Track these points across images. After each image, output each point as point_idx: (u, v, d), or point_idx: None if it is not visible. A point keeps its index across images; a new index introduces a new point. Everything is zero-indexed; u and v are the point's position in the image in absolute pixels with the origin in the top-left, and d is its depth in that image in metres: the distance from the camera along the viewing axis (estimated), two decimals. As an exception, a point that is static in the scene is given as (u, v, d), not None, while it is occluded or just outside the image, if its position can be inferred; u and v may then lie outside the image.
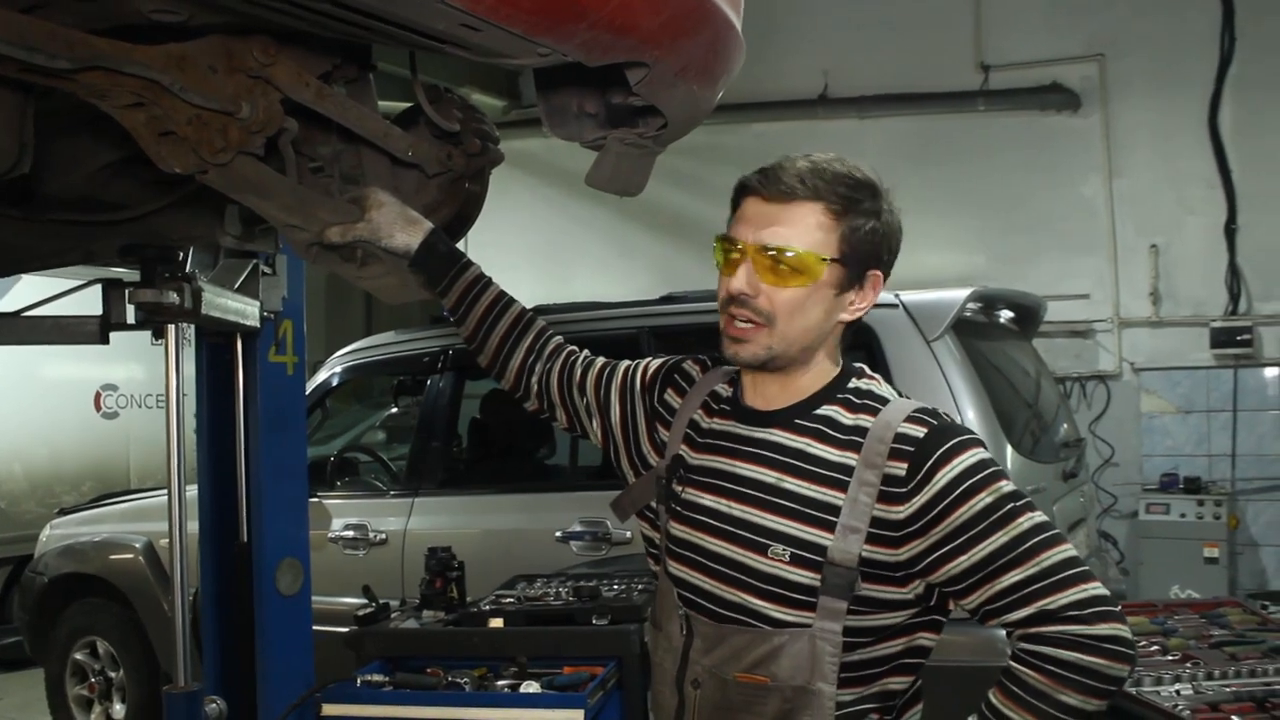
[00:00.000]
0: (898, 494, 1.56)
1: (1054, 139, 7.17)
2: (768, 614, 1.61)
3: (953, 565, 1.54)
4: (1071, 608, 1.47)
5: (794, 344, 1.66)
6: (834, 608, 1.57)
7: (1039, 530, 1.52)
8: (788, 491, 1.63)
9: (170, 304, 2.66)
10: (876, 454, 1.58)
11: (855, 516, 1.57)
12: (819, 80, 7.72)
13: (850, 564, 1.56)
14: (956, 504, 1.53)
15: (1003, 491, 1.54)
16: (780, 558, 1.60)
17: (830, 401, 1.68)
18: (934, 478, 1.54)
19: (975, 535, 1.52)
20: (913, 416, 1.60)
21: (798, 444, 1.66)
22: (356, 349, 5.47)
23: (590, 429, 2.00)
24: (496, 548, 4.43)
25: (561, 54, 1.53)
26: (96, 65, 1.57)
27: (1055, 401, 4.96)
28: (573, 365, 2.02)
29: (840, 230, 1.63)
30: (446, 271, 2.01)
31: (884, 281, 1.70)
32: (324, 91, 1.87)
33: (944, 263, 7.02)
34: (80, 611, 5.66)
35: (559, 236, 8.70)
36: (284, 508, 3.73)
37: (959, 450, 1.56)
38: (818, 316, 1.65)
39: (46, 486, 8.14)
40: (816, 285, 1.63)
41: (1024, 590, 1.50)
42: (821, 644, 1.57)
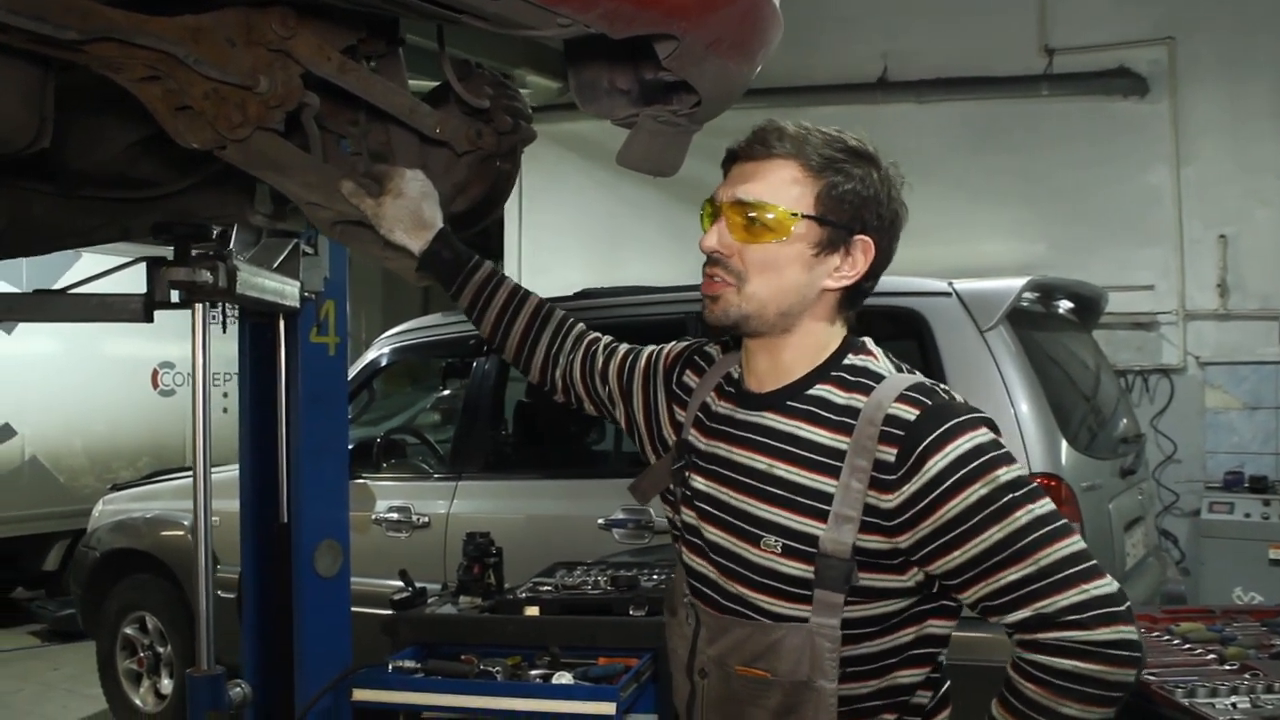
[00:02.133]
0: (887, 481, 1.47)
1: (1120, 125, 6.95)
2: (764, 607, 1.55)
3: (946, 560, 1.45)
4: (1070, 610, 1.38)
5: (767, 305, 1.57)
6: (830, 601, 1.50)
7: (1039, 524, 1.42)
8: (779, 479, 1.56)
9: (204, 282, 2.63)
10: (867, 437, 1.49)
11: (848, 504, 1.49)
12: (878, 64, 7.56)
13: (844, 555, 1.48)
14: (949, 495, 1.43)
15: (1000, 481, 1.42)
16: (772, 549, 1.54)
17: (824, 380, 1.59)
18: (924, 465, 1.44)
19: (969, 529, 1.43)
20: (905, 396, 1.50)
21: (789, 427, 1.58)
22: (404, 330, 5.45)
23: (615, 416, 1.95)
24: (539, 533, 4.40)
25: (584, 25, 1.46)
26: (108, 36, 1.53)
27: (1115, 395, 4.82)
28: (594, 354, 1.98)
29: (817, 187, 1.56)
30: (455, 276, 1.99)
31: (877, 250, 1.59)
32: (346, 66, 1.82)
33: (1004, 251, 6.86)
34: (131, 587, 5.74)
35: (611, 219, 8.63)
36: (323, 489, 3.71)
37: (954, 434, 1.45)
38: (793, 277, 1.57)
39: (104, 462, 8.28)
40: (789, 242, 1.55)
41: (1021, 590, 1.41)
42: (820, 640, 1.50)
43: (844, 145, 1.59)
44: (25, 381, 7.84)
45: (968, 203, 7.17)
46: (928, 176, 7.20)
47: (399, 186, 1.96)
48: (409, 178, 1.97)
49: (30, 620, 8.09)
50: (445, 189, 2.14)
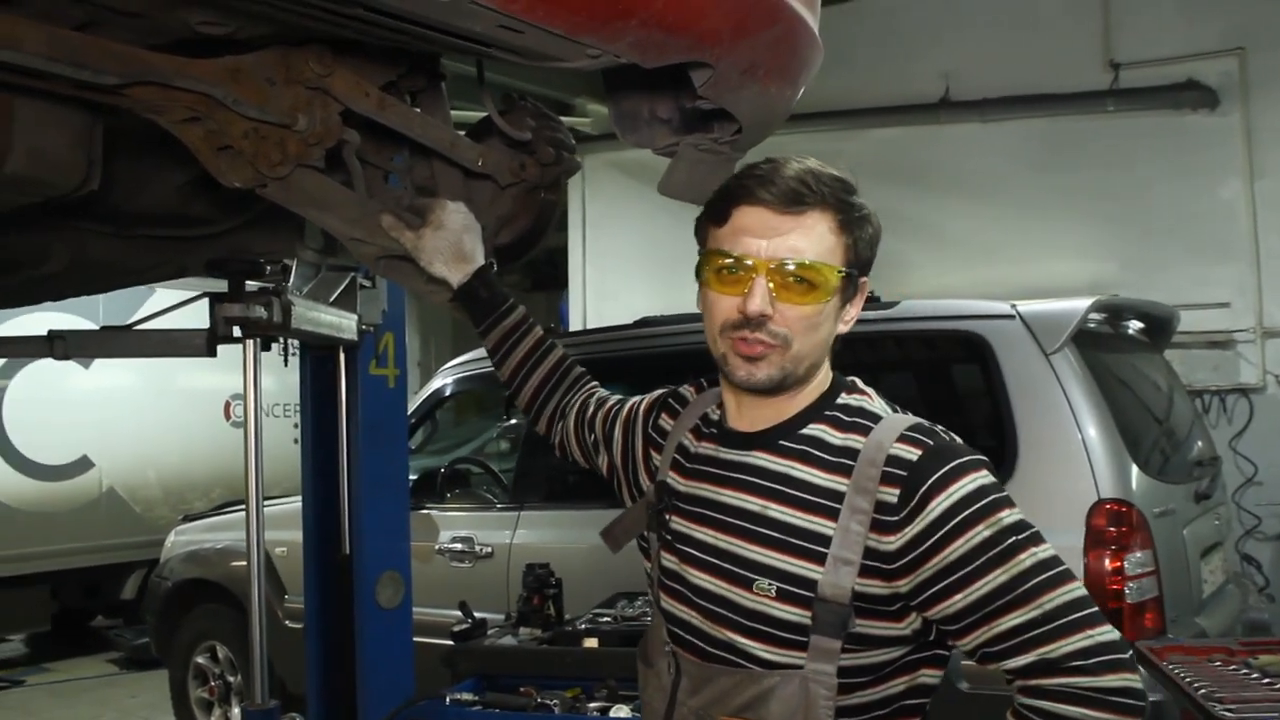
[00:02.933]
0: (889, 522, 1.42)
1: (1190, 139, 6.79)
2: (755, 654, 1.48)
3: (947, 604, 1.40)
4: (1075, 656, 1.33)
5: (803, 362, 1.52)
6: (827, 647, 1.44)
7: (1042, 568, 1.37)
8: (773, 520, 1.49)
9: (258, 318, 2.67)
10: (868, 478, 1.44)
11: (847, 547, 1.43)
12: (940, 83, 7.48)
13: (843, 600, 1.42)
14: (951, 536, 1.39)
15: (1003, 524, 1.39)
16: (766, 593, 1.47)
17: (818, 420, 1.54)
18: (928, 505, 1.40)
19: (971, 572, 1.38)
20: (906, 436, 1.46)
21: (782, 467, 1.52)
22: (466, 360, 5.48)
23: (598, 463, 1.94)
24: (601, 563, 4.36)
25: (614, 55, 1.45)
26: (147, 80, 1.55)
27: (1189, 417, 4.69)
28: (587, 404, 1.98)
29: (845, 240, 1.52)
30: (486, 315, 2.00)
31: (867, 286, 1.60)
32: (386, 102, 1.83)
33: (1072, 271, 6.73)
34: (202, 616, 5.83)
35: (675, 245, 8.55)
36: (384, 521, 3.74)
37: (957, 475, 1.41)
38: (827, 332, 1.54)
39: (178, 492, 8.43)
40: (830, 298, 1.51)
41: (1023, 635, 1.36)
42: (815, 687, 1.44)
43: (847, 184, 1.54)
44: (102, 415, 8.02)
45: (1035, 222, 7.06)
46: (993, 196, 7.20)
47: (440, 218, 1.96)
48: (451, 209, 1.97)
49: (109, 648, 8.25)
50: (490, 221, 2.15)
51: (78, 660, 8.13)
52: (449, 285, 1.99)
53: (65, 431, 7.86)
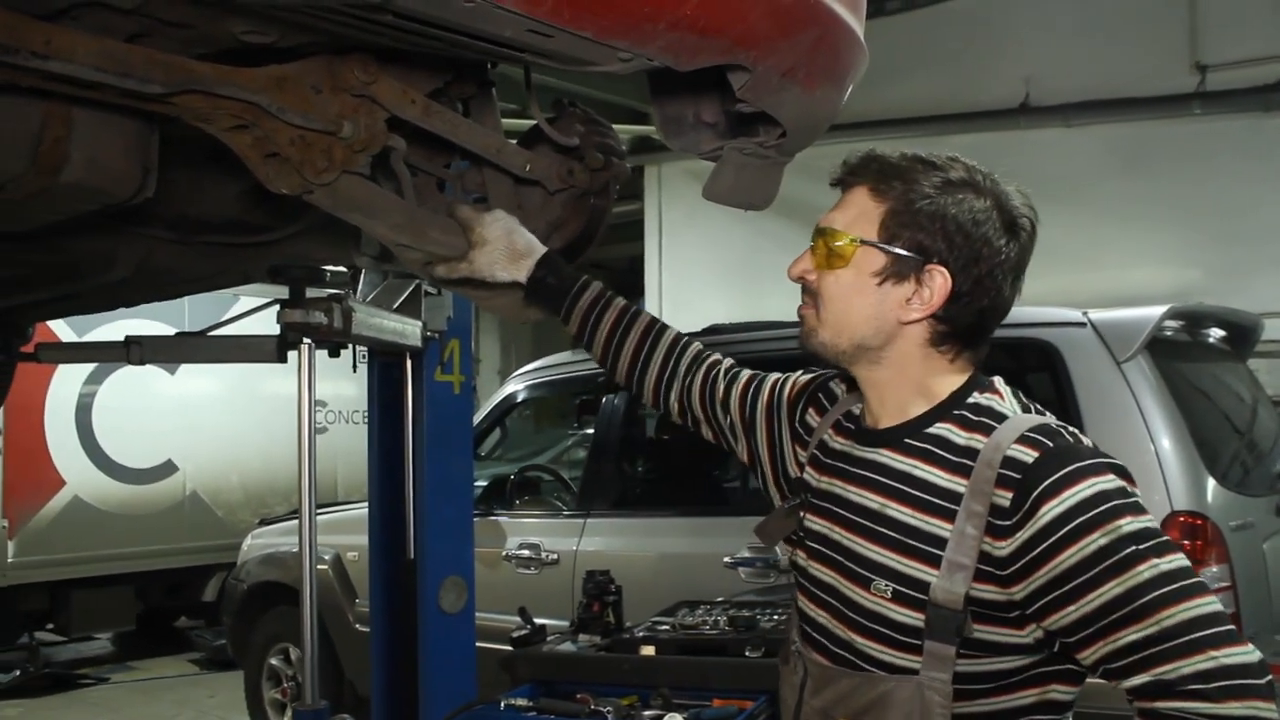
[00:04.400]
0: (1002, 527, 1.36)
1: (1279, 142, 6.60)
2: (872, 654, 1.46)
3: (1061, 615, 1.34)
4: (1194, 679, 1.25)
5: (841, 335, 1.52)
6: (941, 654, 1.39)
7: (1165, 580, 1.29)
8: (891, 520, 1.47)
9: (318, 324, 2.70)
10: (984, 480, 1.38)
11: (962, 551, 1.38)
12: (1020, 88, 7.36)
13: (956, 605, 1.38)
14: (1063, 544, 1.32)
15: (1122, 532, 1.31)
16: (882, 594, 1.44)
17: (945, 419, 1.49)
18: (1039, 511, 1.34)
19: (1085, 583, 1.31)
20: (1026, 437, 1.39)
21: (905, 466, 1.49)
22: (535, 368, 5.52)
23: (736, 449, 1.87)
24: (666, 571, 4.37)
25: (646, 59, 1.44)
26: (193, 89, 1.58)
27: (1274, 429, 4.54)
28: (714, 379, 1.89)
29: (881, 212, 1.49)
30: (561, 301, 1.95)
31: (953, 283, 1.47)
32: (431, 109, 1.84)
33: (1156, 278, 6.58)
34: (276, 618, 5.92)
35: (751, 254, 8.58)
36: (448, 526, 3.77)
37: (1074, 479, 1.34)
38: (860, 307, 1.51)
39: (260, 497, 8.59)
40: (852, 269, 1.50)
41: (1140, 653, 1.29)
42: (930, 694, 1.39)
43: (911, 162, 1.51)
44: (186, 420, 8.22)
45: (1117, 229, 6.91)
46: (1075, 203, 7.05)
47: (481, 235, 1.93)
48: (488, 221, 1.94)
49: (191, 648, 8.45)
50: (540, 227, 2.15)
51: (161, 660, 8.33)
52: (507, 290, 1.97)
53: (150, 437, 8.07)
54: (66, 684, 7.70)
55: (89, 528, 7.69)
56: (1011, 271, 1.50)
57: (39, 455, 7.56)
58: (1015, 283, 1.52)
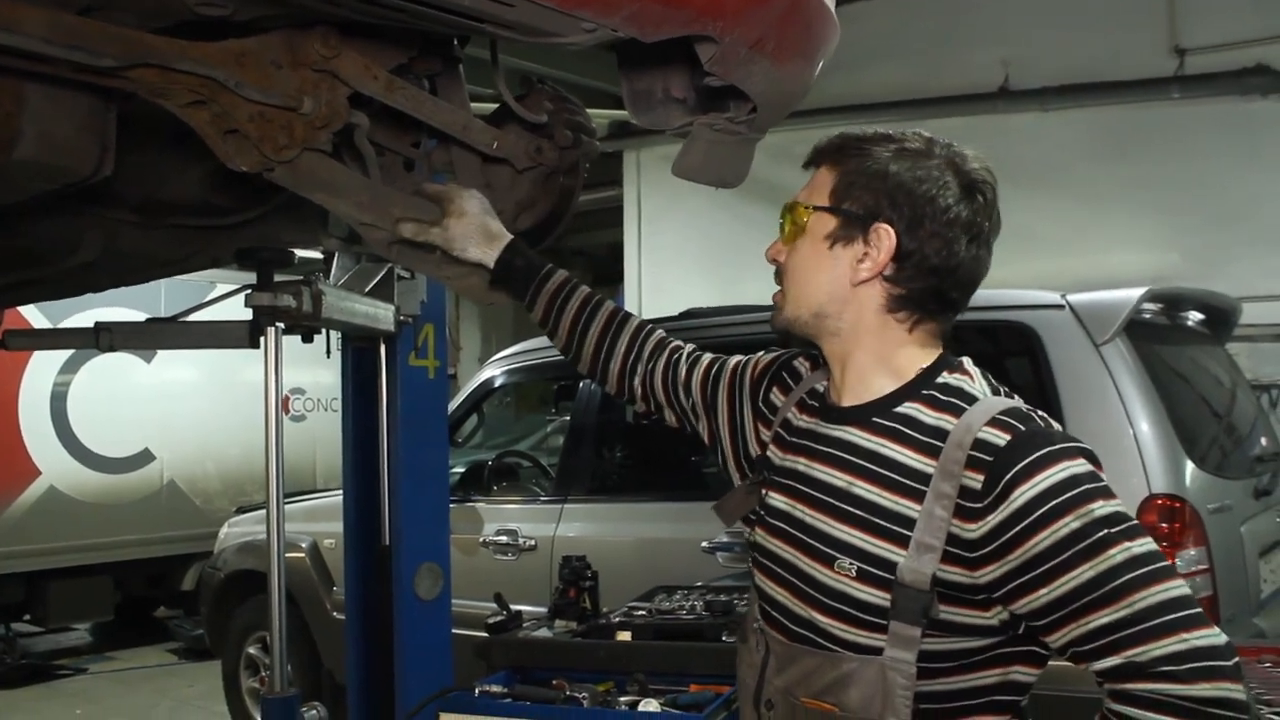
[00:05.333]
0: (972, 509, 1.35)
1: (1258, 126, 6.61)
2: (834, 633, 1.45)
3: (1032, 598, 1.34)
4: (1166, 661, 1.25)
5: (800, 306, 1.56)
6: (907, 634, 1.39)
7: (1136, 564, 1.29)
8: (857, 498, 1.46)
9: (286, 307, 2.66)
10: (954, 461, 1.38)
11: (930, 533, 1.37)
12: (999, 72, 7.34)
13: (923, 586, 1.37)
14: (1036, 528, 1.31)
15: (1094, 515, 1.30)
16: (846, 572, 1.44)
17: (913, 398, 1.48)
18: (1011, 494, 1.33)
19: (1056, 566, 1.31)
20: (997, 420, 1.38)
21: (872, 444, 1.48)
22: (514, 353, 5.48)
23: (698, 429, 1.87)
24: (643, 556, 4.34)
25: (610, 29, 1.41)
26: (148, 62, 1.54)
27: (1252, 412, 4.54)
28: (677, 363, 1.89)
29: (833, 179, 1.54)
30: (527, 286, 1.94)
31: (898, 240, 1.47)
32: (395, 84, 1.80)
33: (1135, 262, 6.56)
34: (254, 607, 5.88)
35: (731, 239, 8.56)
36: (423, 513, 3.73)
37: (1046, 463, 1.33)
38: (815, 274, 1.54)
39: (238, 485, 8.55)
40: (808, 239, 1.55)
41: (1111, 635, 1.28)
42: (893, 675, 1.39)
43: (885, 140, 1.53)
44: (163, 408, 8.17)
45: (1096, 213, 6.91)
46: (1053, 187, 7.05)
47: (460, 206, 1.92)
48: (467, 196, 1.94)
49: (170, 638, 8.40)
50: (508, 206, 2.12)
51: (140, 650, 8.29)
52: (470, 269, 1.96)
53: (127, 425, 8.03)
54: (44, 675, 7.66)
55: (65, 518, 7.64)
56: (965, 232, 1.49)
57: (13, 445, 7.50)
58: (971, 245, 1.51)
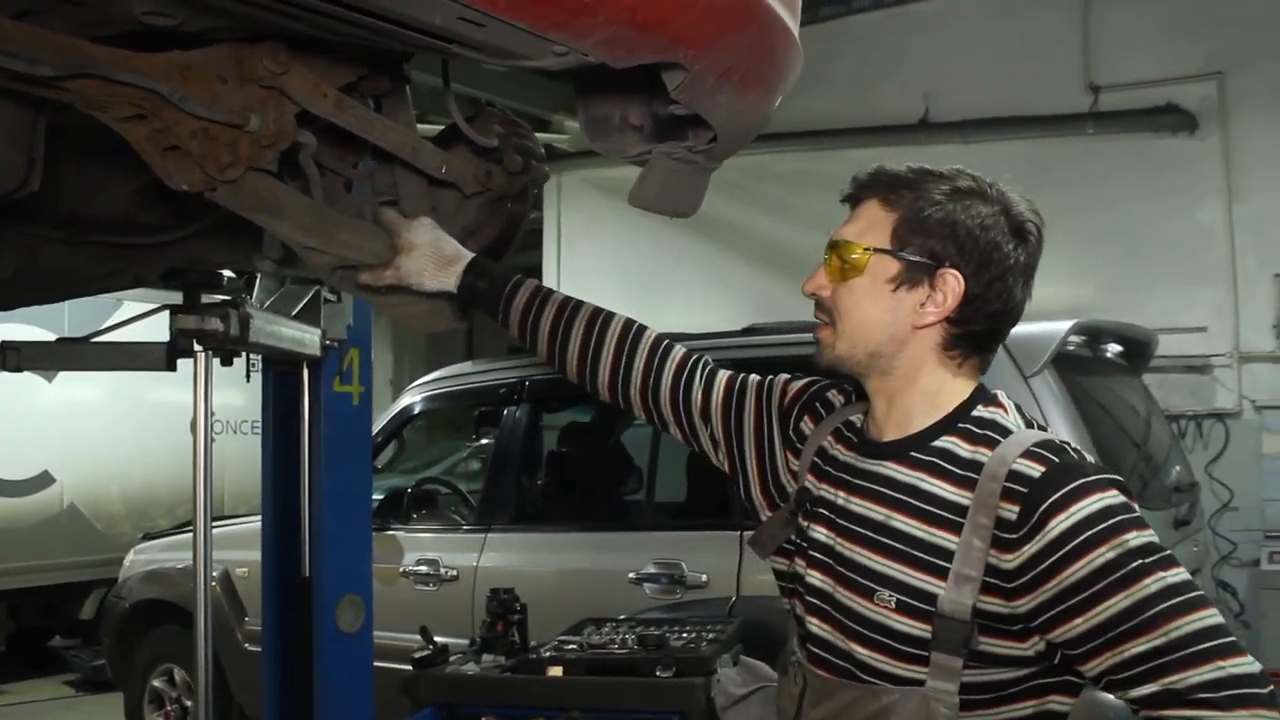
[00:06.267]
0: (1008, 540, 1.38)
1: (1169, 163, 6.80)
2: (875, 666, 1.46)
3: (1068, 627, 1.36)
4: (1203, 688, 1.27)
5: (856, 345, 1.54)
6: (949, 665, 1.40)
7: (1172, 593, 1.31)
8: (896, 531, 1.47)
9: (214, 330, 2.56)
10: (989, 494, 1.41)
11: (968, 564, 1.40)
12: (919, 104, 7.46)
13: (963, 616, 1.39)
14: (1071, 558, 1.34)
15: (1129, 546, 1.33)
16: (886, 604, 1.45)
17: (950, 432, 1.50)
18: (1047, 525, 1.36)
19: (1092, 595, 1.33)
20: (1031, 452, 1.41)
21: (910, 479, 1.49)
22: (435, 379, 5.39)
23: (715, 456, 1.82)
24: (569, 588, 4.28)
25: (581, 54, 1.36)
26: (87, 73, 1.45)
27: (1167, 442, 4.63)
28: (688, 381, 1.81)
29: (892, 220, 1.52)
30: (496, 305, 1.86)
31: (967, 285, 1.49)
32: (344, 103, 1.73)
33: (1050, 294, 6.53)
34: (160, 638, 5.68)
35: (652, 266, 8.57)
36: (346, 542, 3.63)
37: (1081, 494, 1.36)
38: (875, 315, 1.52)
39: (142, 510, 8.27)
40: (866, 278, 1.52)
41: (1149, 663, 1.31)
42: (936, 705, 1.41)
43: (920, 172, 1.56)
44: (65, 429, 7.86)
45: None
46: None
47: (408, 240, 1.85)
48: (414, 227, 1.86)
49: (66, 669, 8.06)
50: (455, 231, 2.05)
51: (34, 682, 7.92)
52: (414, 298, 1.90)
53: (26, 446, 7.70)
54: (-71, 709, 7.31)
55: (-43, 543, 7.31)
56: (1022, 275, 1.54)
57: (-97, 466, 7.17)
58: (1025, 286, 1.55)
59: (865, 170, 1.59)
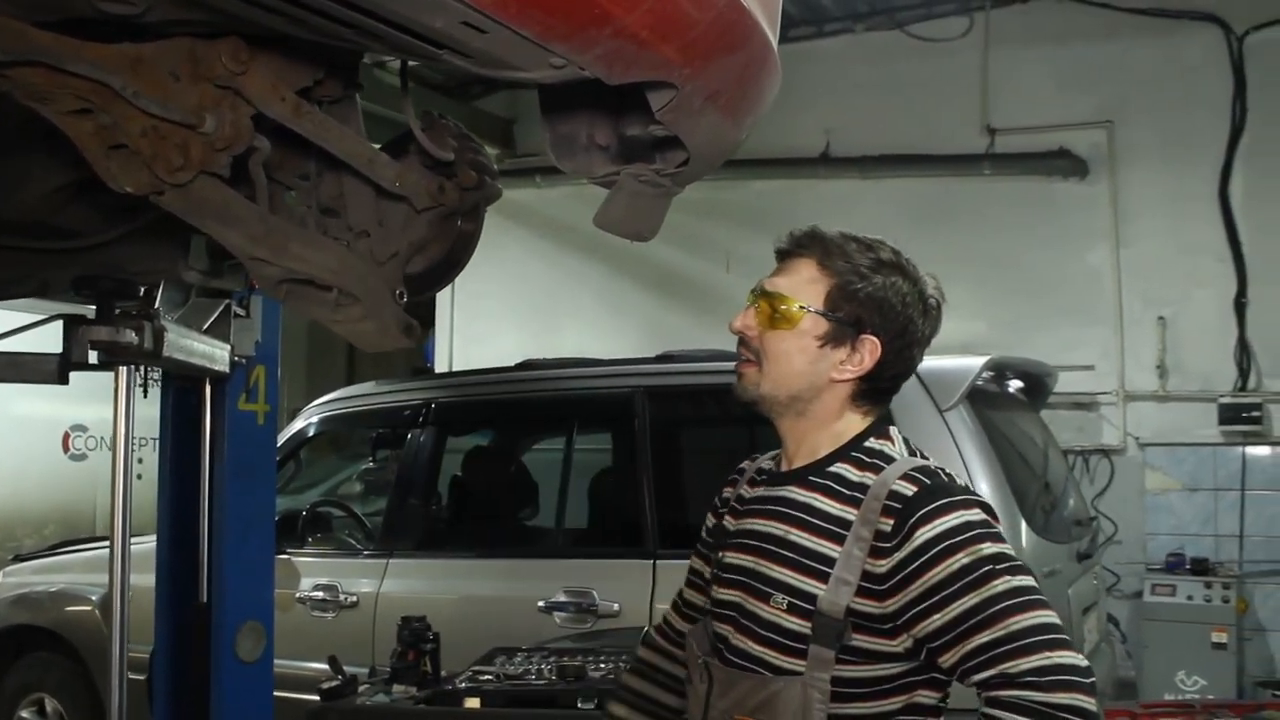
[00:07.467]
0: (883, 549, 1.61)
1: (1060, 205, 7.00)
2: (767, 660, 1.68)
3: (928, 623, 1.57)
4: (1032, 673, 1.48)
5: (779, 388, 1.74)
6: (823, 656, 1.62)
7: (1014, 594, 1.53)
8: (792, 543, 1.70)
9: (128, 343, 2.43)
10: (871, 510, 1.64)
11: (847, 569, 1.63)
12: (821, 139, 7.55)
13: (837, 615, 1.62)
14: (933, 563, 1.57)
15: (982, 553, 1.56)
16: (779, 606, 1.68)
17: (844, 459, 1.74)
18: (914, 535, 1.59)
19: (949, 595, 1.55)
20: (909, 475, 1.65)
21: (806, 498, 1.73)
22: (335, 399, 5.22)
23: None
24: (474, 616, 4.17)
25: (578, 67, 1.31)
26: (33, 60, 1.34)
27: (1064, 476, 4.74)
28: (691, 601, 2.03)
29: (828, 285, 1.72)
30: None
31: (884, 351, 1.72)
32: (302, 108, 1.65)
33: (945, 329, 6.78)
34: (29, 666, 5.35)
35: (549, 290, 8.49)
36: (248, 567, 3.47)
37: (945, 510, 1.60)
38: (800, 365, 1.73)
39: (8, 529, 7.87)
40: (798, 333, 1.72)
41: (990, 652, 1.51)
42: (812, 692, 1.62)
43: (860, 244, 1.75)
44: (-77, 443, 7.44)
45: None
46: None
47: None
48: None
49: (-81, 698, 7.58)
50: (402, 247, 1.98)
51: (-117, 711, 7.45)
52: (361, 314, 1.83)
53: (-120, 460, 7.27)
54: None
55: None
56: (924, 344, 1.79)
57: None
58: (923, 352, 1.80)
59: (801, 229, 1.78)
